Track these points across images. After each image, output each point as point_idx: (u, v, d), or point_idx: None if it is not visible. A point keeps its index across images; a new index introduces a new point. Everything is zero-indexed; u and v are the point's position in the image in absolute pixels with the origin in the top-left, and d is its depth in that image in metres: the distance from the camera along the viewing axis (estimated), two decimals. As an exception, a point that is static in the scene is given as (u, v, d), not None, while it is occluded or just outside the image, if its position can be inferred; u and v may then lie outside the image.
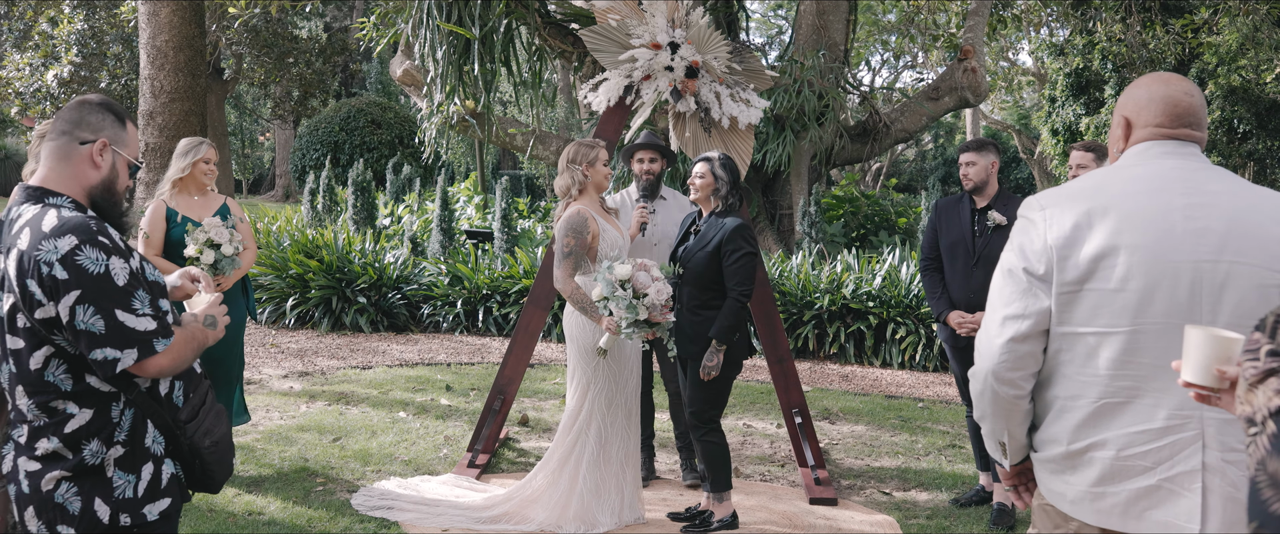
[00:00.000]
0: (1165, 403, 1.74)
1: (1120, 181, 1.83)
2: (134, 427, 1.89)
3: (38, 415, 1.86)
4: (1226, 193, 1.78)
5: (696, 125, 4.52)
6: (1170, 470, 1.74)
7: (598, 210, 3.89)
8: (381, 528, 3.77)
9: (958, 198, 4.28)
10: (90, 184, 1.93)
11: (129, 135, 2.00)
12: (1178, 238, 1.74)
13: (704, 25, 4.53)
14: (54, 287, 1.79)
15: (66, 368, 1.85)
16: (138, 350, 1.82)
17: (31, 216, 1.85)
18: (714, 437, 3.82)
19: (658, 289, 3.59)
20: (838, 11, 6.98)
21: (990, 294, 1.91)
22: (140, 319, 1.83)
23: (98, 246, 1.81)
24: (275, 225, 9.87)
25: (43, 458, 1.86)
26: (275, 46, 17.71)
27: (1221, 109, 11.98)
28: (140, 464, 1.90)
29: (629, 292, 3.59)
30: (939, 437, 5.49)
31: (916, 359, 7.34)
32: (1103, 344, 1.77)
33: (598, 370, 3.83)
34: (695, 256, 3.75)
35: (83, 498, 1.85)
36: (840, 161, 7.28)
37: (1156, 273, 1.74)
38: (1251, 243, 1.73)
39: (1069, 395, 1.82)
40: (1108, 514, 1.78)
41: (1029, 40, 15.19)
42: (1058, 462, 1.84)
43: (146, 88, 8.34)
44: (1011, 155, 21.62)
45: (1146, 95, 1.88)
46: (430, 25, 5.61)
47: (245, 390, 5.99)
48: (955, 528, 4.00)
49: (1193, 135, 1.86)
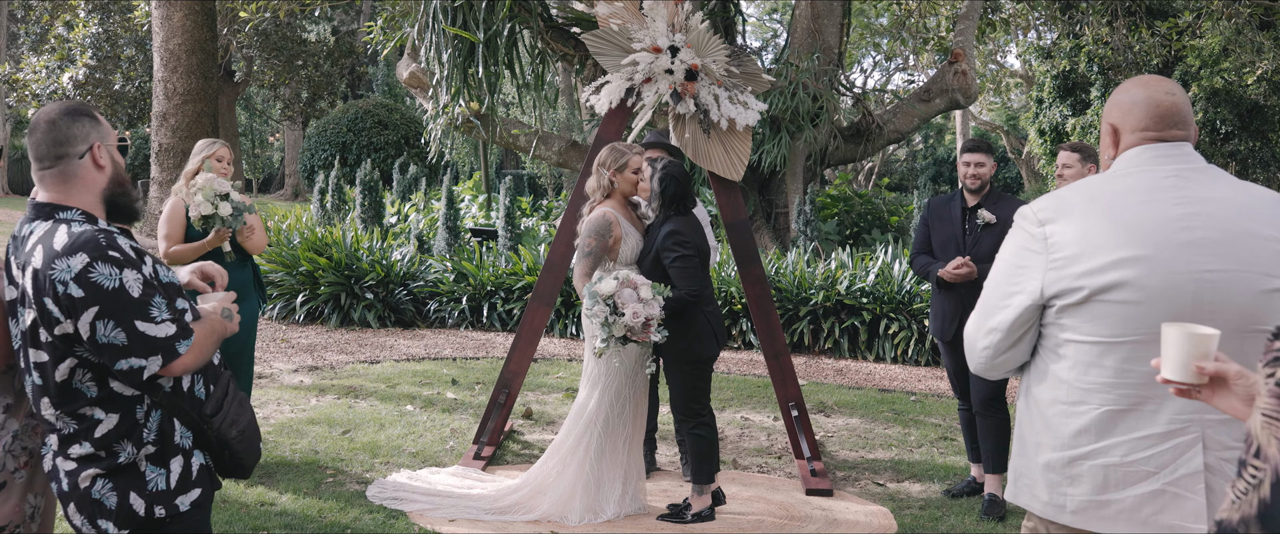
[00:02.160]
0: (1166, 408, 1.76)
1: (1115, 192, 1.83)
2: (161, 426, 1.93)
3: (67, 423, 1.89)
4: (1220, 199, 1.80)
5: (696, 127, 4.61)
6: (1173, 473, 1.75)
7: (624, 214, 3.97)
8: (390, 518, 3.84)
9: (949, 197, 4.35)
10: (102, 188, 1.94)
11: (104, 125, 1.99)
12: (1176, 249, 1.75)
13: (703, 29, 4.58)
14: (71, 305, 1.80)
15: (92, 376, 1.87)
16: (162, 356, 1.85)
17: (43, 233, 1.86)
18: (700, 430, 3.92)
19: (634, 312, 3.60)
20: (831, 15, 7.10)
21: (984, 290, 1.94)
22: (160, 326, 1.85)
23: (109, 262, 1.82)
24: (285, 224, 10.00)
25: (78, 459, 1.90)
26: (285, 50, 17.89)
27: (1204, 110, 12.10)
28: (170, 458, 1.94)
29: (607, 308, 3.64)
30: (931, 429, 5.57)
31: (909, 354, 7.44)
32: (1108, 353, 1.78)
33: (610, 366, 3.90)
34: (645, 261, 3.92)
35: (118, 493, 1.90)
36: (834, 161, 7.40)
37: (1158, 285, 1.75)
38: (1247, 250, 1.75)
39: (1071, 401, 1.82)
40: (1114, 520, 1.79)
41: (1017, 43, 15.32)
42: (1057, 470, 1.84)
43: (160, 90, 8.50)
44: (1000, 155, 21.78)
45: (1129, 100, 1.88)
46: (436, 29, 5.73)
47: (256, 384, 6.14)
48: (947, 518, 4.06)
49: (1181, 135, 1.86)
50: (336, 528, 3.71)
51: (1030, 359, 1.93)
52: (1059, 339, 1.84)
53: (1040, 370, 1.90)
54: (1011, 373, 1.97)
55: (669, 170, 3.92)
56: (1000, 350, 1.90)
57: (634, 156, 3.97)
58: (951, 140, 25.32)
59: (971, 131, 23.35)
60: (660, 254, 3.84)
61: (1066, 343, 1.82)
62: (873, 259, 8.25)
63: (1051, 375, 1.86)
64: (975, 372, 2.00)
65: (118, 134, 2.33)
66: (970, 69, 7.00)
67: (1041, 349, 1.89)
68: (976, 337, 1.93)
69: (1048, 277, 1.81)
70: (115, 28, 15.05)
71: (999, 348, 1.89)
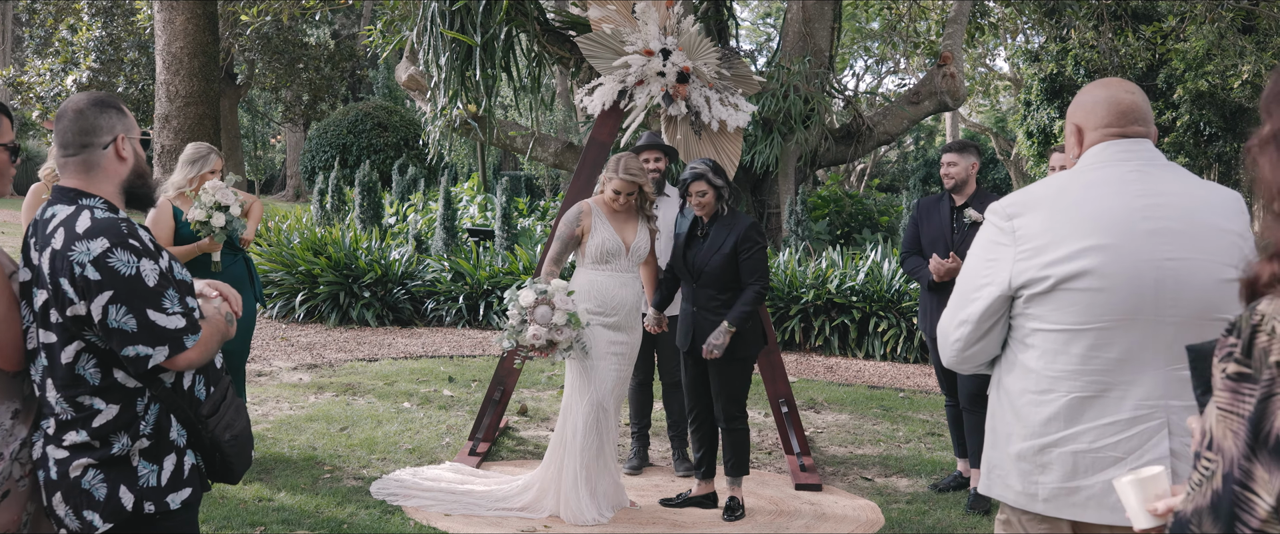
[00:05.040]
0: (1132, 394, 1.80)
1: (1081, 185, 1.88)
2: (158, 420, 1.93)
3: (66, 409, 1.89)
4: (1181, 193, 1.85)
5: (687, 128, 4.69)
6: (1140, 459, 1.78)
7: (606, 210, 3.99)
8: (386, 513, 3.88)
9: (938, 197, 4.42)
10: (123, 178, 1.98)
11: (129, 118, 2.02)
12: (1139, 238, 1.80)
13: (694, 33, 4.64)
14: (86, 287, 1.83)
15: (96, 362, 1.88)
16: (169, 347, 1.87)
17: (66, 217, 1.89)
18: (742, 425, 4.02)
19: (535, 333, 3.67)
20: (822, 19, 7.19)
21: (958, 282, 2.00)
22: (171, 318, 1.87)
23: (129, 250, 1.85)
24: (285, 224, 10.10)
25: (71, 447, 1.89)
26: (286, 53, 18.00)
27: (1189, 113, 12.22)
28: (164, 455, 1.94)
29: (519, 316, 3.69)
30: (919, 425, 5.64)
31: (898, 351, 7.53)
32: (1074, 341, 1.82)
33: (572, 366, 3.96)
34: (712, 261, 3.88)
35: (108, 485, 1.89)
36: (825, 163, 7.49)
37: (1122, 272, 1.79)
38: (1207, 241, 1.80)
39: (1039, 390, 1.85)
40: (1083, 507, 1.82)
41: (1006, 47, 15.44)
42: (1028, 458, 1.86)
43: (162, 92, 8.59)
44: (990, 157, 21.93)
45: (1092, 100, 1.94)
46: (434, 32, 5.81)
47: (256, 382, 6.22)
48: (933, 512, 4.12)
49: (1142, 131, 1.91)
50: (333, 523, 3.76)
51: (1001, 353, 1.96)
52: (1028, 329, 1.87)
53: (1010, 362, 1.93)
54: (982, 367, 2.01)
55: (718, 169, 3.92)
56: (971, 342, 1.94)
57: (617, 180, 3.91)
58: (942, 142, 25.45)
59: (961, 133, 23.51)
60: (741, 247, 3.84)
61: (1034, 332, 1.86)
62: (863, 258, 8.33)
63: (1020, 365, 1.89)
64: (947, 365, 2.04)
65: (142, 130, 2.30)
66: (958, 72, 7.09)
67: (1011, 341, 1.93)
68: (948, 329, 1.98)
69: (1016, 267, 1.85)
70: (118, 31, 15.15)
71: (969, 339, 1.93)
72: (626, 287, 3.98)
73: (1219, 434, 1.13)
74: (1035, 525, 1.90)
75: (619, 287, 3.96)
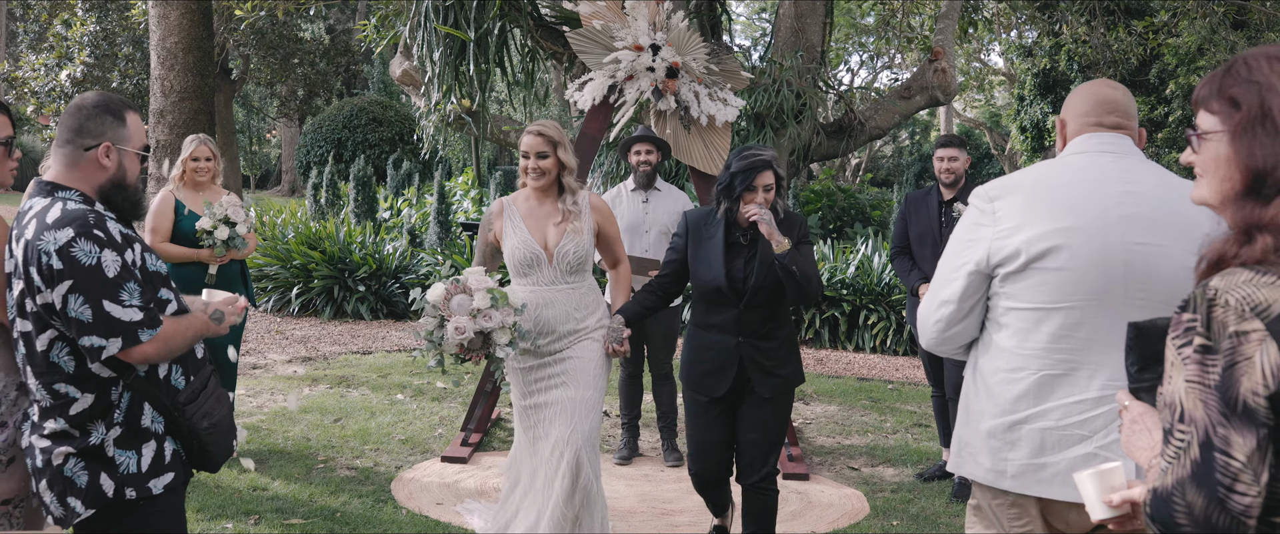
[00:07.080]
0: (1100, 375, 1.84)
1: (1061, 171, 1.94)
2: (130, 408, 1.95)
3: (45, 396, 1.93)
4: (1155, 183, 1.90)
5: (677, 123, 4.74)
6: (1105, 438, 1.82)
7: (522, 209, 3.22)
8: (377, 502, 3.94)
9: (926, 191, 4.47)
10: (99, 183, 2.00)
11: (131, 128, 2.03)
12: (1112, 222, 1.85)
13: (683, 28, 4.69)
14: (51, 275, 1.86)
15: (69, 350, 1.92)
16: (122, 339, 1.88)
17: (41, 208, 1.94)
18: (775, 487, 3.23)
19: (457, 327, 2.90)
20: (815, 14, 7.22)
21: (939, 267, 2.03)
22: (126, 310, 1.88)
23: (92, 240, 1.87)
24: (280, 218, 10.13)
25: (51, 436, 1.93)
26: (280, 48, 17.99)
27: (1182, 108, 12.28)
28: (141, 442, 1.96)
29: (434, 320, 2.96)
30: (906, 416, 5.71)
31: (887, 344, 7.60)
32: (1045, 320, 1.86)
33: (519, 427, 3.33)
34: (771, 275, 3.02)
35: (89, 472, 1.93)
36: (817, 157, 7.52)
37: (1093, 254, 1.84)
38: (1178, 228, 1.84)
39: (1011, 369, 1.90)
40: (1048, 484, 1.85)
41: (999, 42, 15.50)
42: (998, 436, 1.90)
43: (157, 87, 8.62)
44: (984, 152, 22.01)
45: (1077, 96, 2.02)
46: (428, 28, 5.84)
47: (250, 375, 6.27)
48: (918, 500, 4.18)
49: (1122, 125, 1.96)
50: (326, 512, 3.81)
51: (978, 336, 2.01)
52: (1002, 308, 1.93)
53: (985, 342, 1.98)
54: (960, 350, 2.06)
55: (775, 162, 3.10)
56: (952, 323, 1.98)
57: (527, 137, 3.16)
58: (937, 137, 25.47)
59: (956, 128, 23.57)
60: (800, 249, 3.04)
61: (1008, 311, 1.91)
62: (853, 252, 8.39)
63: (994, 345, 1.94)
64: (928, 347, 2.09)
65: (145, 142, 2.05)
66: (950, 67, 7.14)
67: (987, 322, 1.98)
68: (929, 310, 2.02)
69: (992, 246, 1.91)
70: (113, 26, 15.14)
71: (951, 319, 1.98)
72: (551, 305, 3.15)
73: (1190, 406, 1.17)
74: (1005, 509, 1.93)
75: (542, 305, 3.14)
